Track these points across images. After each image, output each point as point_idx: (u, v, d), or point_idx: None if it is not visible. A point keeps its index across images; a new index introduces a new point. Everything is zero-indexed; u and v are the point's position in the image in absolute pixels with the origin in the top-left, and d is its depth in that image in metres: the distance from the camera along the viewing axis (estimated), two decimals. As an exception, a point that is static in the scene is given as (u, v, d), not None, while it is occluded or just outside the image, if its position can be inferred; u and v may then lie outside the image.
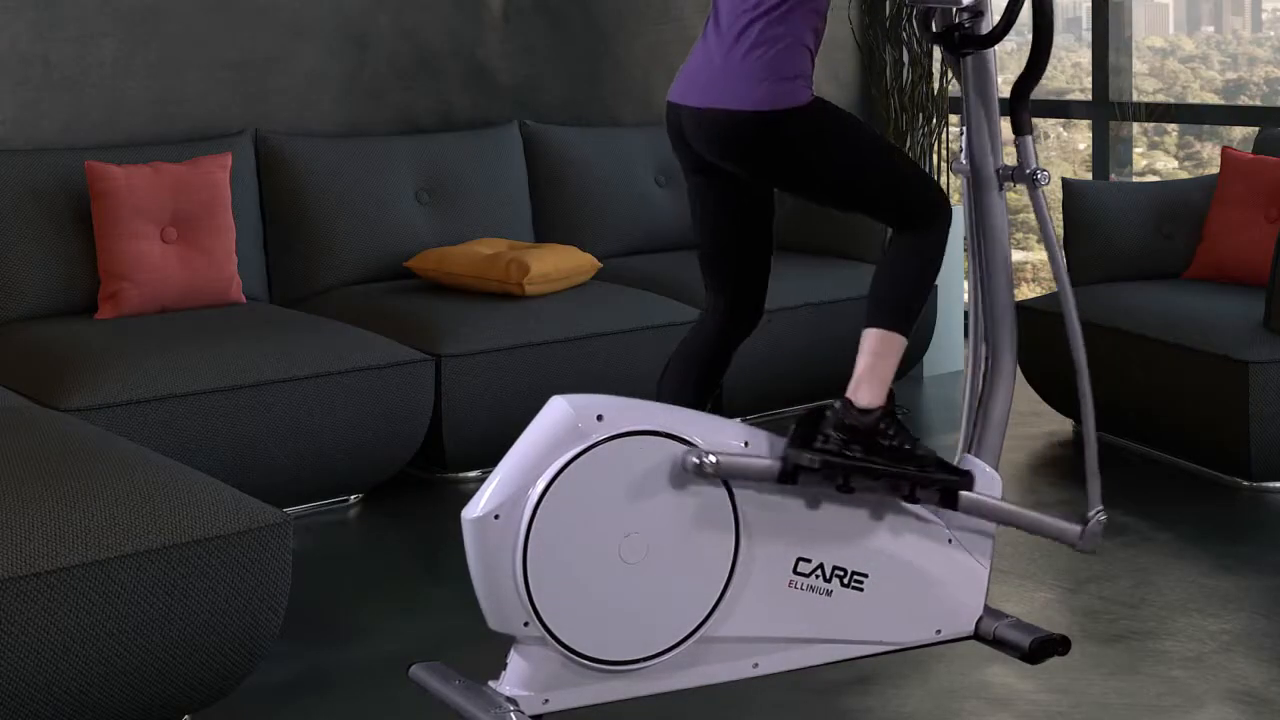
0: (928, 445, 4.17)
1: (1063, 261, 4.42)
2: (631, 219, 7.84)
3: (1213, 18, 10.09)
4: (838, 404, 4.07)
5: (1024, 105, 4.33)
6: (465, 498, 3.89)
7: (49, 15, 6.71)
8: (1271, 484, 6.23)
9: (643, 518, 3.92)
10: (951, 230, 4.04)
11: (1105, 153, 8.38)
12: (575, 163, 7.78)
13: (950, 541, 4.23)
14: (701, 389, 4.48)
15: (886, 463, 4.05)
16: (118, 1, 6.86)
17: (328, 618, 5.10)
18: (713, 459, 3.85)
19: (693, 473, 3.86)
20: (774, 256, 4.58)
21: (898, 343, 4.17)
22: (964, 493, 4.14)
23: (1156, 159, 9.20)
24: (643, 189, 7.90)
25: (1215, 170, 7.28)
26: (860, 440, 4.05)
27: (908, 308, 4.20)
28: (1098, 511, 4.31)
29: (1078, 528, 4.31)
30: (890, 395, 4.15)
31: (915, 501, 4.11)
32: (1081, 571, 5.44)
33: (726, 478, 3.91)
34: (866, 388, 4.11)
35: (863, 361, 4.14)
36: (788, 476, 3.96)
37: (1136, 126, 8.52)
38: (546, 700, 3.87)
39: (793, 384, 7.29)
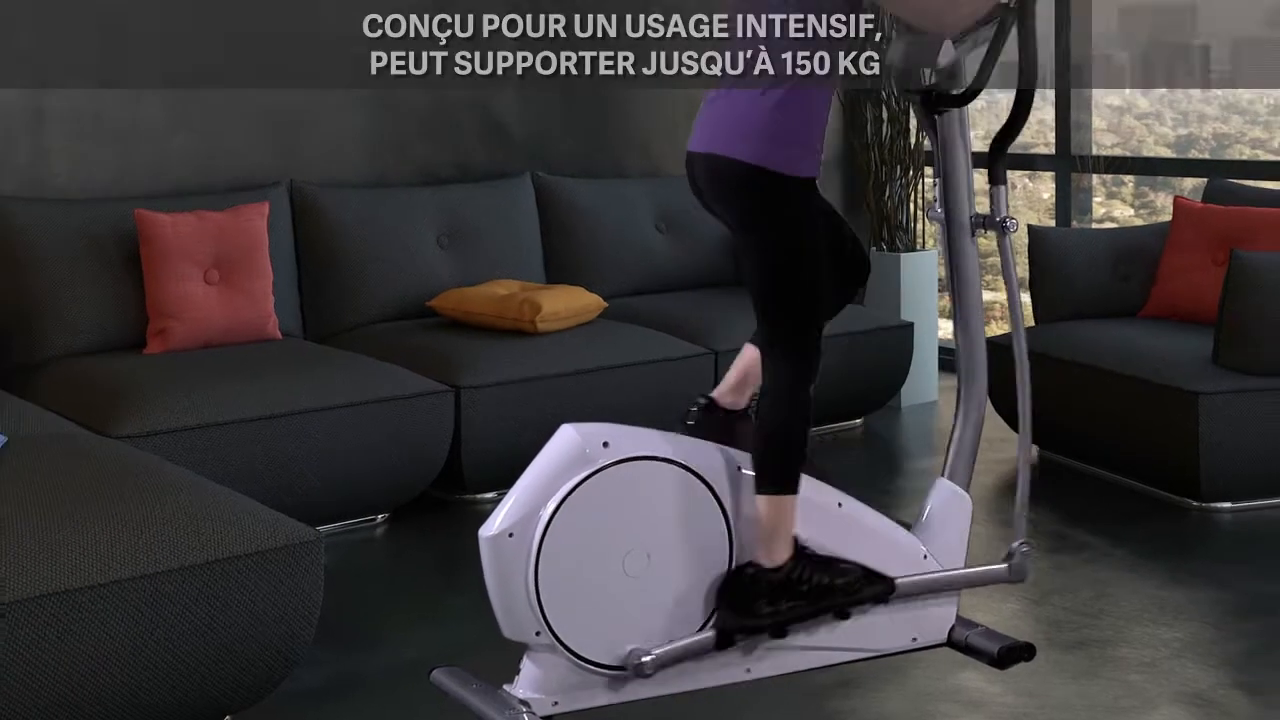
0: (850, 563, 4.07)
1: (1019, 302, 4.39)
2: (634, 262, 7.83)
3: (1165, 78, 10.10)
4: (749, 569, 3.97)
5: (1001, 158, 4.31)
6: (482, 517, 3.88)
7: (101, 75, 6.72)
8: (1219, 504, 6.21)
9: (644, 535, 3.91)
10: (924, 273, 4.01)
11: (1067, 202, 8.38)
12: (583, 211, 7.78)
13: (926, 557, 4.21)
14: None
15: (808, 605, 4.00)
16: (165, 64, 6.87)
17: (357, 627, 5.09)
18: (651, 656, 3.84)
19: (633, 674, 3.86)
20: (740, 293, 4.48)
21: (787, 501, 4.00)
22: (900, 580, 4.09)
23: (1114, 207, 9.19)
24: (644, 235, 7.90)
25: (1168, 218, 7.29)
26: (782, 594, 3.98)
27: (788, 467, 4.02)
28: (1021, 544, 4.30)
29: (1004, 567, 4.31)
30: (795, 543, 4.01)
31: (848, 618, 4.07)
32: (1045, 584, 5.43)
33: (666, 666, 3.89)
34: (772, 548, 3.98)
35: (762, 527, 3.99)
36: (724, 643, 3.96)
37: (1096, 178, 8.53)
38: (556, 703, 3.86)
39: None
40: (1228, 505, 6.24)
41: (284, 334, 6.72)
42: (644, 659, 3.83)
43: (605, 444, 3.88)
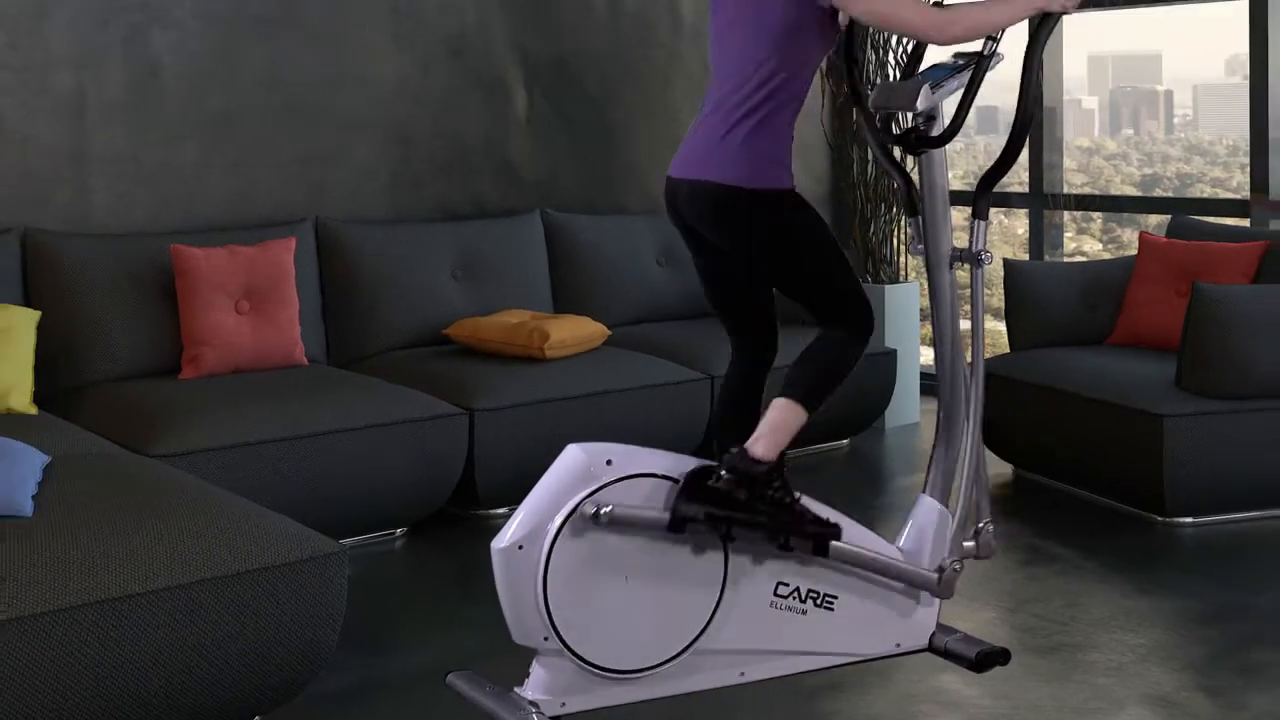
0: (806, 506, 4.09)
1: (981, 327, 4.40)
2: (635, 293, 7.83)
3: (1131, 121, 10.12)
4: (736, 450, 4.01)
5: (987, 195, 4.31)
6: (494, 531, 3.90)
7: (140, 120, 6.73)
8: (1182, 519, 6.21)
9: (646, 548, 3.93)
10: (906, 303, 4.01)
11: (1040, 237, 8.39)
12: (588, 245, 7.78)
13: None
14: (746, 420, 4.29)
15: (765, 512, 3.99)
16: (198, 109, 6.89)
17: (378, 633, 5.09)
18: (608, 508, 3.82)
19: (590, 520, 3.82)
20: None
21: (800, 415, 4.07)
22: (834, 543, 4.08)
23: (1084, 242, 9.21)
24: (645, 268, 7.90)
25: (1134, 252, 7.28)
26: (748, 486, 3.98)
27: (818, 390, 4.10)
28: (986, 523, 4.36)
29: (972, 544, 4.35)
30: (782, 456, 4.05)
31: (789, 549, 4.03)
32: (1020, 594, 5.45)
33: (620, 524, 3.86)
34: (764, 442, 4.02)
35: (767, 421, 4.06)
36: (676, 526, 3.92)
37: (1067, 214, 8.54)
38: (563, 704, 3.88)
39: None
40: (1190, 520, 6.24)
41: (310, 360, 6.71)
42: (602, 510, 3.81)
43: (609, 462, 3.90)
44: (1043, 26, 4.23)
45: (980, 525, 4.36)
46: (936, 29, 4.09)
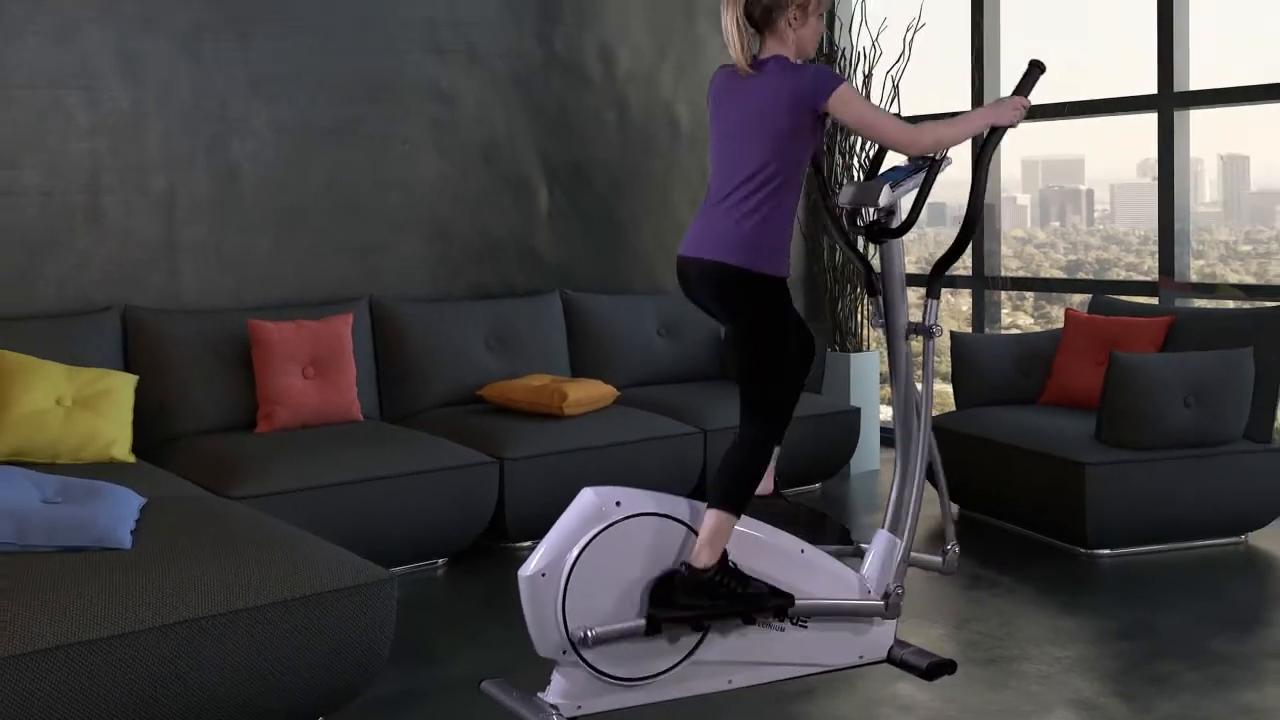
0: (760, 582, 4.04)
1: (931, 390, 4.39)
2: (640, 360, 7.82)
3: (1058, 215, 10.14)
4: (683, 568, 3.94)
5: (940, 278, 4.29)
6: (521, 561, 3.89)
7: (221, 215, 6.78)
8: (1101, 551, 6.21)
9: (648, 574, 3.93)
10: (869, 369, 3.98)
11: (982, 313, 8.39)
12: (600, 320, 7.79)
13: (870, 593, 4.24)
14: None
15: (724, 606, 3.97)
16: (270, 206, 6.93)
17: (422, 647, 5.07)
18: (593, 632, 3.82)
19: (578, 645, 3.82)
20: (725, 384, 4.46)
21: (730, 519, 3.98)
22: (791, 607, 4.06)
23: (1019, 317, 9.21)
24: (648, 339, 7.89)
25: (1060, 325, 7.29)
26: (703, 592, 3.95)
27: (738, 492, 4.02)
28: (952, 545, 4.36)
29: (939, 559, 4.36)
30: (724, 556, 3.98)
31: (754, 624, 4.03)
32: (964, 614, 5.43)
33: (602, 643, 3.85)
34: (705, 552, 3.94)
35: (703, 532, 3.96)
36: (654, 630, 3.91)
37: (1004, 294, 8.55)
38: (579, 706, 3.88)
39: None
40: (1108, 552, 6.24)
41: (365, 416, 6.72)
42: (587, 633, 3.80)
43: (618, 503, 3.91)
44: (991, 138, 4.24)
45: (947, 548, 4.35)
46: (910, 140, 4.11)
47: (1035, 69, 4.33)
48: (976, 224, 4.26)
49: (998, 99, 4.34)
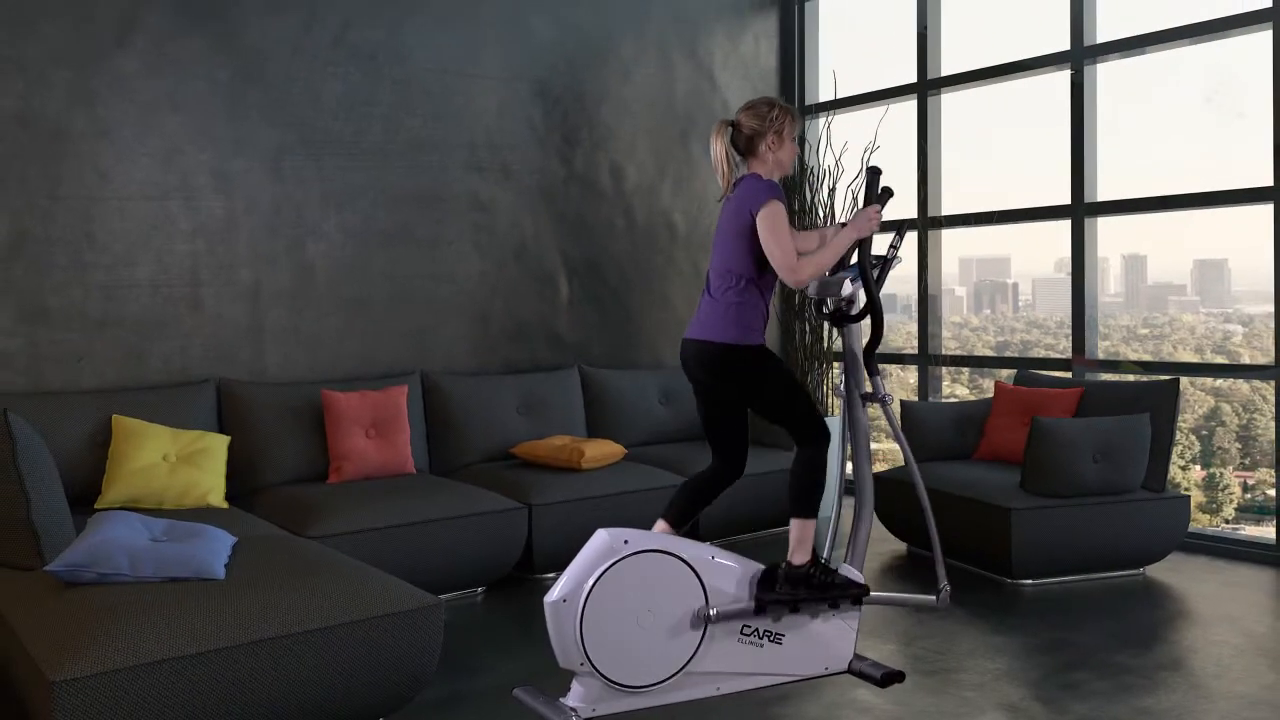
0: (843, 574, 4.24)
1: (908, 450, 4.42)
2: (644, 423, 7.81)
3: (989, 304, 10.18)
4: (783, 565, 4.13)
5: (872, 358, 4.35)
6: (546, 589, 3.91)
7: (299, 303, 6.81)
8: (1024, 580, 6.19)
9: (651, 601, 3.94)
10: (832, 431, 4.03)
11: (926, 384, 8.39)
12: (611, 390, 7.78)
13: (834, 615, 4.26)
14: (694, 504, 4.40)
15: (816, 593, 4.14)
16: (339, 295, 6.96)
17: (465, 661, 5.03)
18: (714, 611, 3.98)
19: (705, 620, 3.98)
20: None
21: (808, 523, 4.17)
22: (866, 596, 4.24)
23: (957, 388, 9.22)
24: (651, 406, 7.89)
25: (991, 395, 7.30)
26: (800, 583, 4.13)
27: (807, 499, 4.17)
28: (945, 585, 4.38)
29: (933, 598, 4.38)
30: (814, 551, 4.19)
31: (837, 608, 4.19)
32: (912, 632, 5.41)
33: (726, 620, 4.01)
34: (798, 553, 4.15)
35: (792, 538, 4.17)
36: (761, 610, 4.05)
37: (944, 369, 8.58)
38: (594, 709, 3.89)
39: (742, 517, 7.31)
40: (1030, 581, 6.22)
41: (417, 470, 6.71)
42: (711, 612, 3.97)
43: (626, 541, 3.93)
44: (860, 248, 4.32)
45: (941, 587, 4.37)
46: (789, 271, 4.12)
47: (873, 174, 4.41)
48: (876, 312, 4.30)
49: (856, 212, 4.39)
